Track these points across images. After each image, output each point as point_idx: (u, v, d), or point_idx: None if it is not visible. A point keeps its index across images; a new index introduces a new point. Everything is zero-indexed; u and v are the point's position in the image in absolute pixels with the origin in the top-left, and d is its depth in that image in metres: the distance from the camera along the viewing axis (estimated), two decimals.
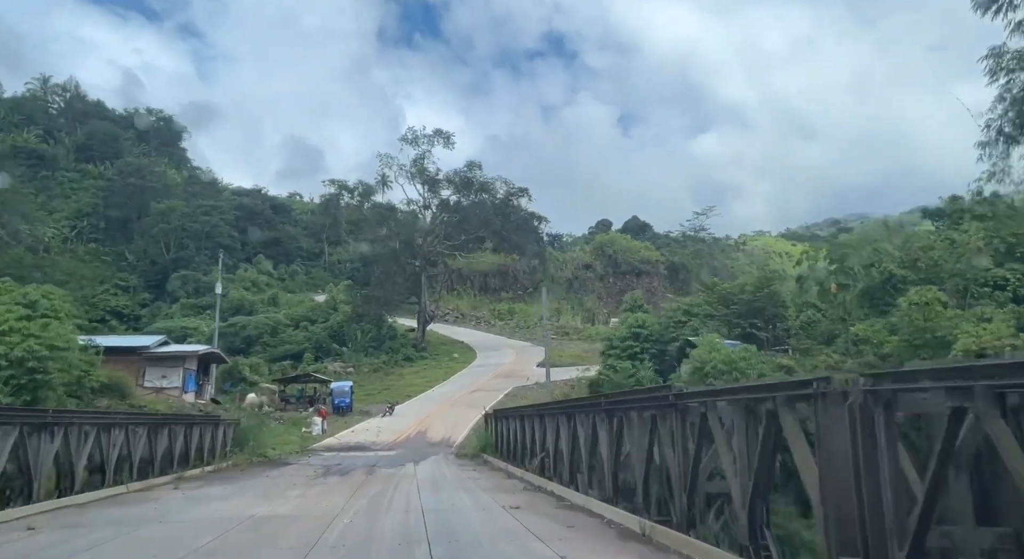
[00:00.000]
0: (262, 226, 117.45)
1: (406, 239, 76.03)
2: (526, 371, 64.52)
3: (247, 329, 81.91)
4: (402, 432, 42.81)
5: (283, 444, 35.61)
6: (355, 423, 46.69)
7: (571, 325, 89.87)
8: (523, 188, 75.32)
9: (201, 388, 47.67)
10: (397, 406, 51.20)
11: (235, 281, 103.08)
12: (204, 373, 49.03)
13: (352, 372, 66.30)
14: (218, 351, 49.16)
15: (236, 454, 27.77)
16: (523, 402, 49.56)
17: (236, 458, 27.27)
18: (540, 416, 20.60)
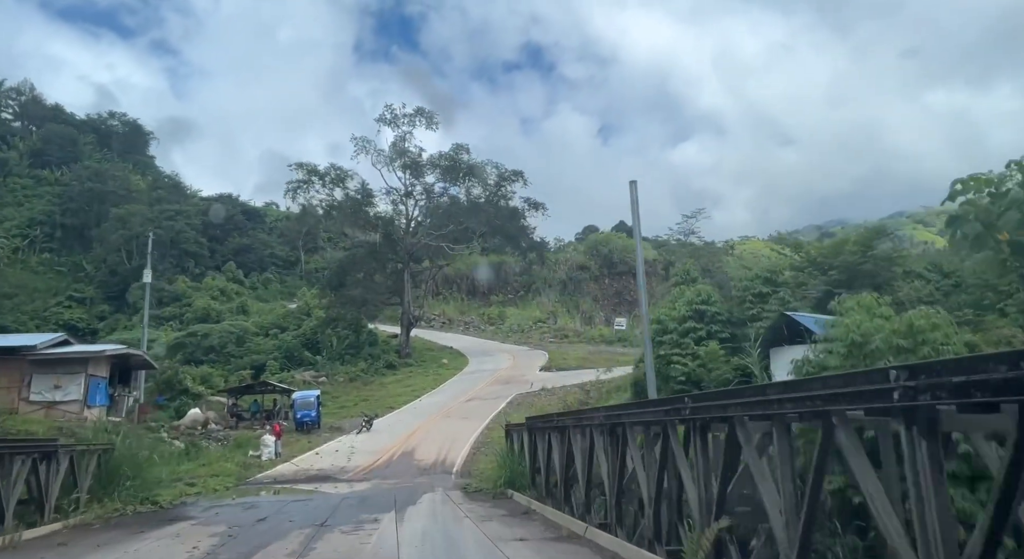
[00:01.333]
0: (233, 232, 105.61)
1: (386, 231, 64.50)
2: (528, 376, 53.57)
3: (209, 338, 70.11)
4: (382, 453, 31.52)
5: (211, 476, 24.02)
6: (322, 442, 35.30)
7: (570, 327, 78.74)
8: (517, 171, 64.30)
9: (117, 402, 35.74)
10: (377, 419, 39.78)
11: (201, 289, 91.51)
12: (123, 383, 37.17)
13: (325, 382, 54.63)
14: (141, 353, 36.94)
15: (107, 499, 16.11)
16: (534, 411, 38.64)
17: (101, 508, 15.61)
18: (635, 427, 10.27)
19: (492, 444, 32.03)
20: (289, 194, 62.43)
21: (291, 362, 64.43)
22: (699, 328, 29.03)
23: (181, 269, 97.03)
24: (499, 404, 43.95)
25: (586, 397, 45.62)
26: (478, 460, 28.14)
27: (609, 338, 70.98)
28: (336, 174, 62.27)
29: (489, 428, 37.14)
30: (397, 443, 34.20)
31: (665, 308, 31.85)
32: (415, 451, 32.13)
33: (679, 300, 32.27)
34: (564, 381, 49.67)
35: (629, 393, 33.41)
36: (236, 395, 42.57)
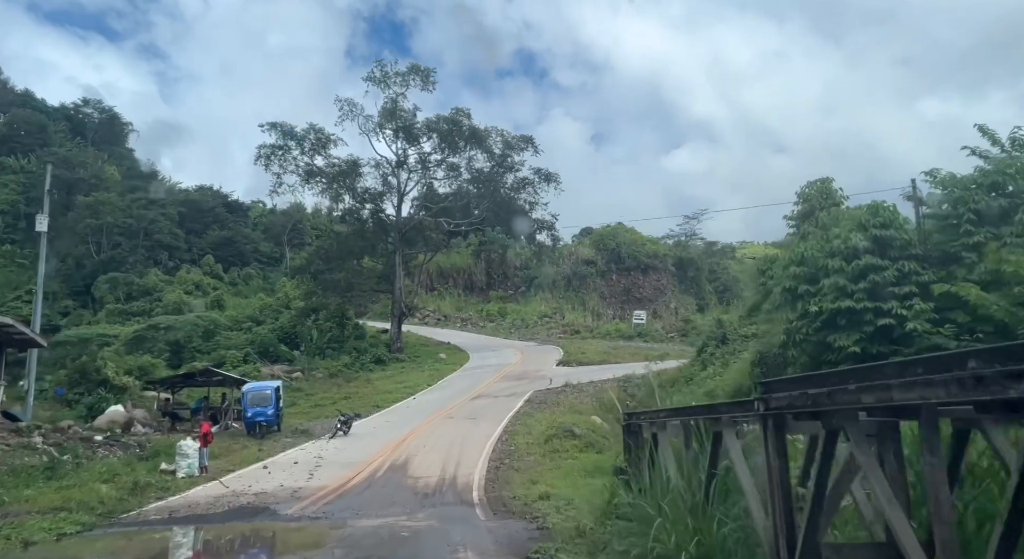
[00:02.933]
0: (212, 225, 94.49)
1: (375, 208, 53.56)
2: (543, 372, 42.95)
3: (173, 331, 58.86)
4: (361, 466, 20.66)
5: (55, 510, 12.85)
6: (279, 451, 24.14)
7: (579, 323, 67.87)
8: (526, 137, 53.44)
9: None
10: (359, 420, 28.80)
11: (175, 283, 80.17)
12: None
13: (300, 377, 43.53)
14: (14, 323, 25.03)
15: None
16: (563, 412, 27.89)
17: None
18: None
19: (524, 456, 21.20)
20: (261, 162, 51.28)
21: (265, 358, 53.36)
22: (882, 266, 17.49)
23: (154, 262, 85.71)
24: (515, 403, 33.26)
25: (625, 395, 34.78)
26: (510, 481, 17.30)
27: (626, 333, 60.18)
28: (317, 137, 51.16)
29: (509, 432, 26.38)
30: (383, 452, 23.25)
31: (815, 241, 20.07)
32: (409, 464, 21.21)
33: (841, 224, 20.07)
34: (589, 377, 38.81)
35: (745, 377, 22.32)
36: (171, 388, 31.37)
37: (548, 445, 23.34)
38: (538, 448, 23.26)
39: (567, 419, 26.21)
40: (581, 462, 20.67)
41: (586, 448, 22.90)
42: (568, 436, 23.77)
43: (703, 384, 25.25)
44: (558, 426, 25.03)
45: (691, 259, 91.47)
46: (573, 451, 22.45)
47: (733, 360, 25.78)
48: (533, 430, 26.33)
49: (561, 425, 25.09)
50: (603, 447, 23.34)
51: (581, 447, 22.88)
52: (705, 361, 28.03)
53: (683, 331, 59.28)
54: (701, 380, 26.33)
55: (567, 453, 22.34)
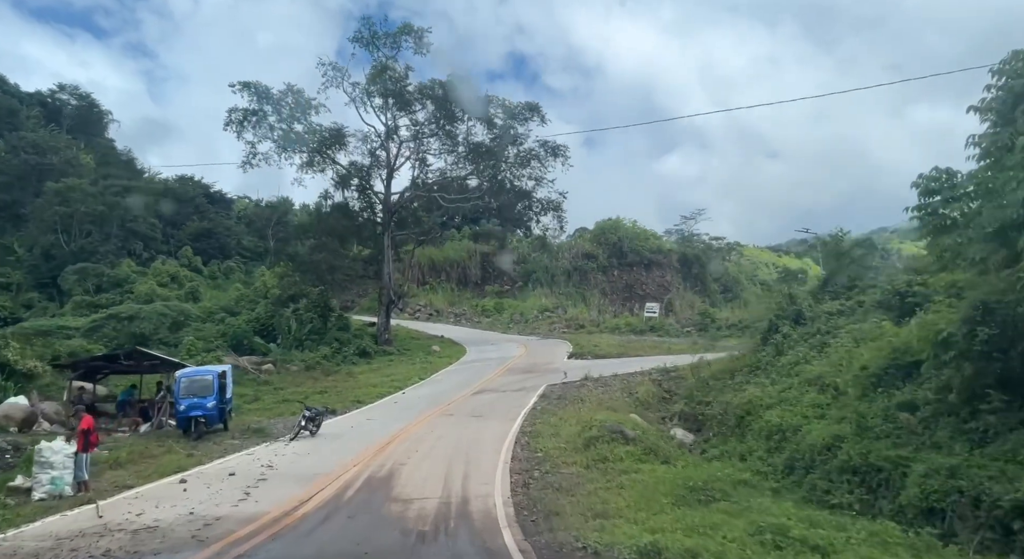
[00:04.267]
0: (192, 216, 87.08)
1: (361, 184, 46.32)
2: (554, 364, 36.05)
3: (136, 322, 51.24)
4: (324, 481, 13.49)
5: None
6: (215, 457, 16.80)
7: (584, 317, 60.78)
8: (531, 105, 46.21)
9: None
10: (331, 418, 21.63)
11: (148, 274, 72.55)
12: None
13: (270, 370, 36.35)
14: None
15: None
16: (589, 408, 21.04)
17: None
18: None
19: (560, 467, 14.29)
20: (232, 128, 43.80)
21: (239, 351, 46.02)
22: None
23: (128, 252, 78.02)
24: (527, 398, 26.23)
25: (659, 389, 27.84)
26: (559, 511, 10.15)
27: (637, 327, 53.12)
28: (295, 100, 43.79)
29: (528, 433, 19.36)
30: (360, 459, 16.08)
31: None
32: (395, 478, 14.06)
33: None
34: (610, 370, 31.73)
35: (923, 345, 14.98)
36: (90, 374, 23.98)
37: (591, 451, 16.26)
38: (577, 455, 16.17)
39: (606, 417, 19.08)
40: (651, 477, 13.69)
41: (646, 456, 15.83)
42: (617, 439, 16.67)
43: (799, 370, 18.21)
44: (597, 425, 17.94)
45: (696, 255, 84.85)
46: (629, 460, 15.38)
47: (831, 340, 18.83)
48: (561, 431, 19.25)
49: (601, 424, 17.98)
50: (669, 455, 16.26)
51: (639, 455, 15.81)
52: (780, 345, 21.07)
53: (700, 325, 52.29)
54: (786, 367, 19.30)
55: (621, 462, 15.27)
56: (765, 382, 19.19)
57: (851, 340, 17.79)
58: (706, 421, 20.69)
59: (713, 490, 11.95)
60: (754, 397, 17.75)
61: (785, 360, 19.90)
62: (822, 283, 24.49)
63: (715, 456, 16.83)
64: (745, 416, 17.51)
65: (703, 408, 21.56)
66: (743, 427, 17.30)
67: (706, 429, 20.38)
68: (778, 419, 15.19)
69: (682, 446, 18.94)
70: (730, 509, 10.99)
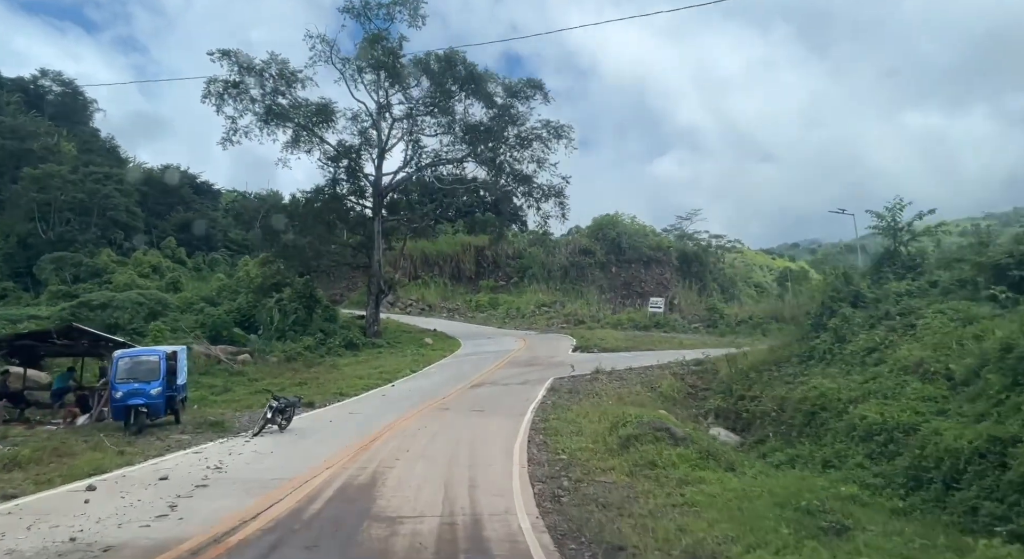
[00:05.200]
0: (177, 206, 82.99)
1: (350, 164, 42.51)
2: (558, 357, 32.52)
3: (109, 311, 47.09)
4: (283, 490, 9.62)
5: None
6: (154, 455, 12.84)
7: (583, 313, 57.09)
8: (534, 82, 42.58)
9: None
10: (307, 412, 17.83)
11: (129, 264, 68.41)
12: None
13: (247, 361, 32.55)
14: None
15: None
16: (608, 402, 17.28)
17: None
18: None
19: (595, 473, 10.71)
20: (211, 100, 39.85)
21: (218, 343, 42.09)
22: None
23: (108, 242, 73.78)
24: (533, 391, 22.58)
25: (683, 384, 24.29)
26: (624, 543, 5.98)
27: (641, 323, 49.43)
28: (279, 71, 39.89)
29: (542, 430, 15.73)
30: (336, 460, 12.34)
31: None
32: (380, 486, 10.30)
33: None
34: (623, 363, 28.13)
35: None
36: (14, 355, 20.04)
37: (631, 454, 12.58)
38: (613, 458, 12.49)
39: (639, 412, 15.40)
40: (725, 491, 10.05)
41: (703, 461, 12.13)
42: (663, 439, 12.97)
43: (884, 357, 14.48)
44: (633, 422, 14.25)
45: (695, 253, 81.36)
46: (685, 466, 11.69)
47: (915, 321, 15.18)
48: (584, 428, 15.60)
49: (638, 420, 14.29)
50: (732, 460, 12.57)
51: (694, 460, 12.11)
52: (839, 330, 17.42)
53: (709, 321, 48.71)
54: (859, 354, 15.56)
55: (675, 469, 11.58)
56: (834, 372, 15.57)
57: (947, 321, 14.21)
58: (754, 419, 17.09)
59: (832, 513, 8.28)
60: (828, 390, 14.14)
61: (855, 346, 16.28)
62: (876, 263, 20.93)
63: (782, 462, 13.21)
64: (818, 412, 13.91)
65: (747, 404, 17.96)
66: (816, 426, 13.70)
67: (755, 428, 16.76)
68: (878, 416, 11.59)
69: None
70: (883, 547, 7.35)
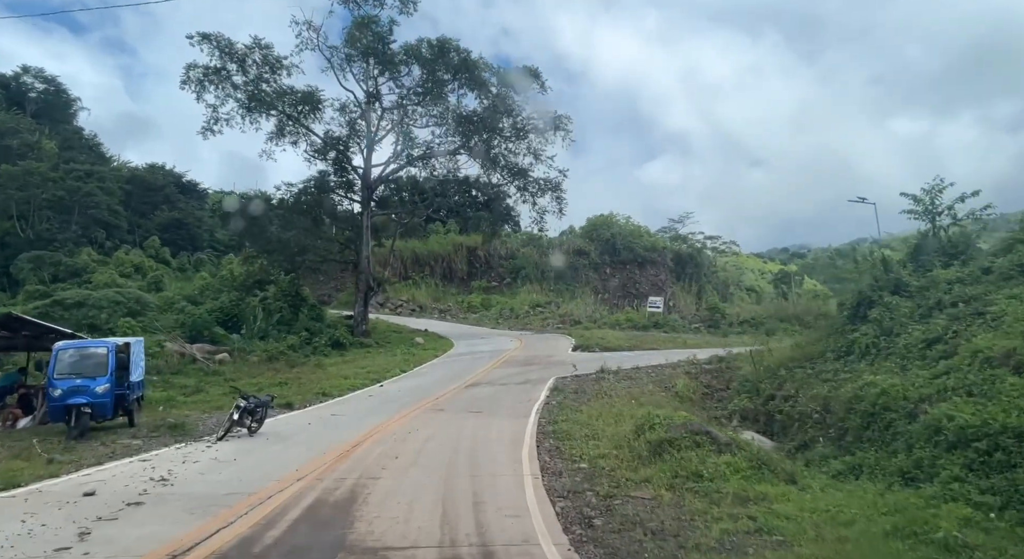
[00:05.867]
0: (162, 205, 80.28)
1: (338, 156, 40.20)
2: (558, 357, 30.28)
3: (85, 309, 44.51)
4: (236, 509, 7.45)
5: None
6: (91, 464, 10.46)
7: (579, 313, 54.92)
8: (531, 69, 40.42)
9: None
10: (286, 414, 15.43)
11: (110, 264, 65.77)
12: None
13: (226, 360, 30.22)
14: None
15: None
16: (621, 402, 14.82)
17: None
18: None
19: (627, 486, 8.13)
20: (192, 87, 37.45)
21: (198, 343, 39.63)
22: None
23: (89, 241, 71.08)
24: (536, 391, 20.42)
25: (697, 383, 22.11)
26: None
27: (640, 323, 47.28)
28: (263, 57, 37.58)
29: (550, 433, 13.47)
30: (308, 470, 10.02)
31: None
32: (361, 503, 7.96)
33: None
34: (629, 362, 26.00)
35: None
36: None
37: (666, 462, 10.40)
38: (645, 468, 10.30)
39: (668, 413, 13.18)
40: (803, 512, 7.85)
41: (756, 472, 9.92)
42: (704, 444, 10.73)
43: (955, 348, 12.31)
44: (662, 424, 12.01)
45: (690, 254, 79.55)
46: (737, 478, 9.54)
47: (983, 309, 13.01)
48: (601, 431, 13.42)
49: (667, 422, 12.06)
50: (790, 471, 10.35)
51: (745, 470, 9.91)
52: (884, 323, 15.28)
53: (710, 321, 46.62)
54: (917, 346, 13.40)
55: (725, 482, 9.41)
56: (890, 367, 13.42)
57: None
58: (791, 422, 14.91)
59: (982, 550, 6.09)
60: (890, 387, 11.97)
61: (909, 338, 14.12)
62: (913, 250, 18.85)
63: (841, 472, 11.02)
64: (880, 413, 11.73)
65: (781, 405, 15.78)
66: (880, 429, 11.53)
67: (793, 432, 14.58)
68: (971, 417, 9.39)
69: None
70: None
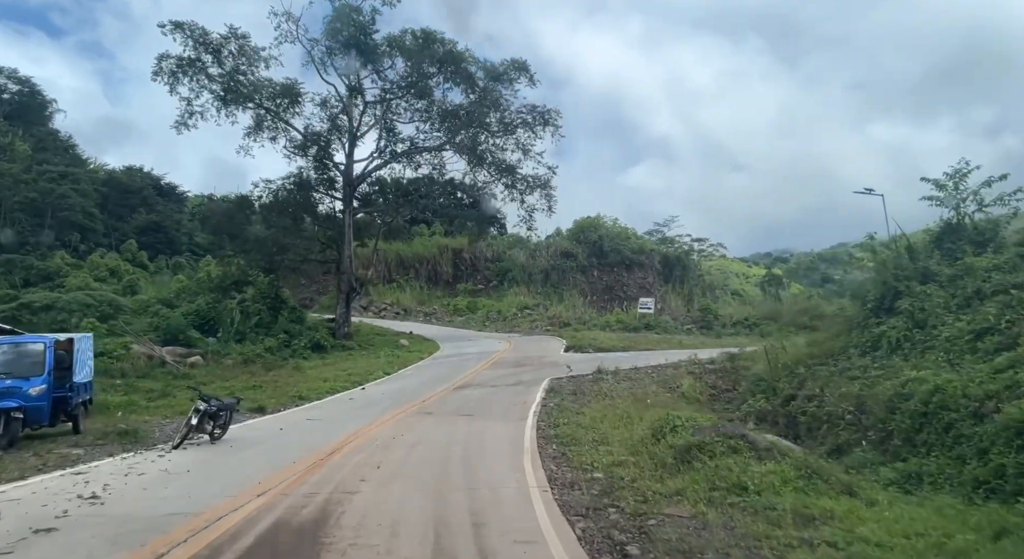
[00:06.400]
0: (139, 208, 77.93)
1: (319, 152, 38.45)
2: (550, 358, 28.74)
3: (54, 312, 42.37)
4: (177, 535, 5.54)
5: None
6: (20, 474, 8.47)
7: (568, 315, 53.38)
8: (519, 62, 38.83)
9: None
10: (261, 418, 13.62)
11: (84, 267, 63.45)
12: None
13: (198, 363, 28.34)
14: None
15: None
16: (627, 403, 13.06)
17: None
18: None
19: (650, 498, 6.05)
20: (164, 78, 35.53)
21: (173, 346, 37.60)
22: None
23: (63, 244, 68.69)
24: (530, 393, 18.84)
25: (702, 384, 20.53)
26: None
27: (630, 324, 45.81)
28: (240, 46, 35.75)
29: (551, 438, 11.74)
30: (274, 483, 8.23)
31: None
32: (333, 525, 6.38)
33: None
34: (627, 363, 24.46)
35: None
36: None
37: (697, 471, 8.80)
38: (673, 479, 8.69)
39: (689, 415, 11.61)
40: (895, 533, 6.22)
41: (807, 482, 8.32)
42: (741, 449, 9.16)
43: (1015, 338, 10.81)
44: (684, 426, 10.43)
45: (677, 256, 78.33)
46: (790, 491, 8.00)
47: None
48: (610, 435, 11.84)
49: (689, 424, 10.48)
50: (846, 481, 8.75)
51: (793, 480, 8.33)
52: (915, 314, 13.79)
53: (702, 322, 45.22)
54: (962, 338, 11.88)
55: (776, 496, 7.84)
56: (935, 361, 11.92)
57: None
58: (818, 423, 13.39)
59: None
60: (945, 383, 10.43)
61: (952, 330, 12.64)
62: (937, 238, 17.42)
63: (894, 481, 9.46)
64: (936, 413, 10.20)
65: (804, 405, 14.24)
66: (937, 431, 10.01)
67: (821, 434, 13.04)
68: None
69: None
70: None
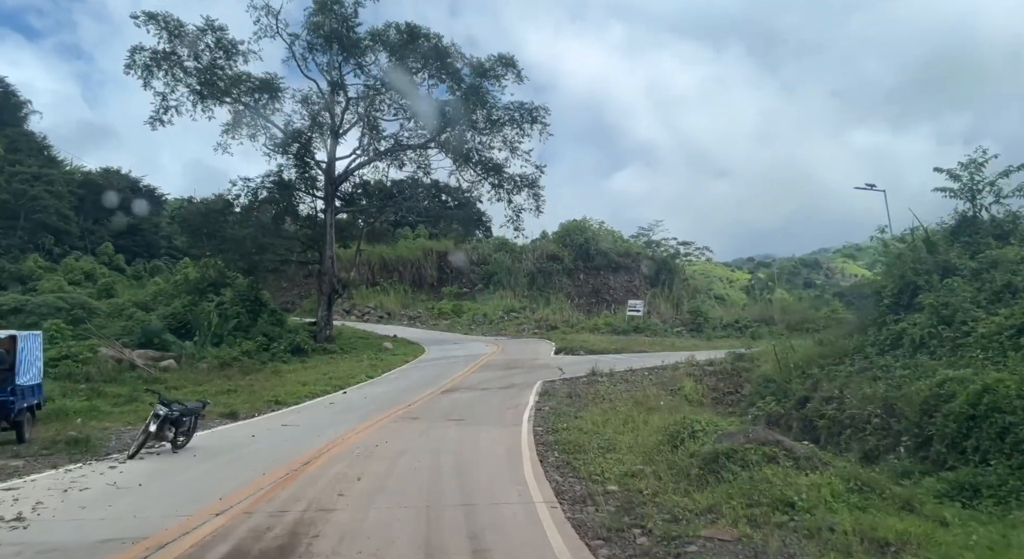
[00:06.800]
0: (117, 211, 75.72)
1: (300, 150, 37.04)
2: (540, 360, 27.48)
3: (24, 315, 40.57)
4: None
5: None
6: None
7: (555, 318, 52.18)
8: (505, 58, 37.64)
9: None
10: (232, 424, 12.24)
11: (58, 271, 61.47)
12: None
13: (172, 367, 26.83)
14: None
15: None
16: (628, 406, 11.66)
17: None
18: None
19: (680, 517, 5.03)
20: (138, 72, 33.97)
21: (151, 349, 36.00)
22: None
23: (36, 247, 66.62)
24: (524, 396, 17.72)
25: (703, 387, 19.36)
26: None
27: (620, 327, 44.72)
28: (217, 39, 34.28)
29: (551, 445, 10.38)
30: (237, 498, 6.91)
31: None
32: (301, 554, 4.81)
33: None
34: (622, 364, 23.30)
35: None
36: None
37: (729, 483, 7.59)
38: (700, 493, 7.53)
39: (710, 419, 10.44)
40: None
41: (859, 496, 7.18)
42: (778, 457, 7.98)
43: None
44: (706, 431, 9.27)
45: (664, 259, 77.30)
46: (843, 507, 6.80)
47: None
48: (618, 441, 10.67)
49: (712, 429, 9.32)
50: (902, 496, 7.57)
51: (843, 494, 7.15)
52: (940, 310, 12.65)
53: (692, 325, 44.22)
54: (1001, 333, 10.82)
55: (831, 513, 6.61)
56: (975, 359, 10.83)
57: None
58: (839, 428, 12.28)
59: None
60: (995, 383, 9.31)
61: (988, 326, 11.56)
62: (953, 231, 16.41)
63: (945, 493, 8.32)
64: (988, 417, 9.08)
65: (821, 407, 13.13)
66: (990, 437, 8.90)
67: (844, 439, 11.93)
68: None
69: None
70: None
